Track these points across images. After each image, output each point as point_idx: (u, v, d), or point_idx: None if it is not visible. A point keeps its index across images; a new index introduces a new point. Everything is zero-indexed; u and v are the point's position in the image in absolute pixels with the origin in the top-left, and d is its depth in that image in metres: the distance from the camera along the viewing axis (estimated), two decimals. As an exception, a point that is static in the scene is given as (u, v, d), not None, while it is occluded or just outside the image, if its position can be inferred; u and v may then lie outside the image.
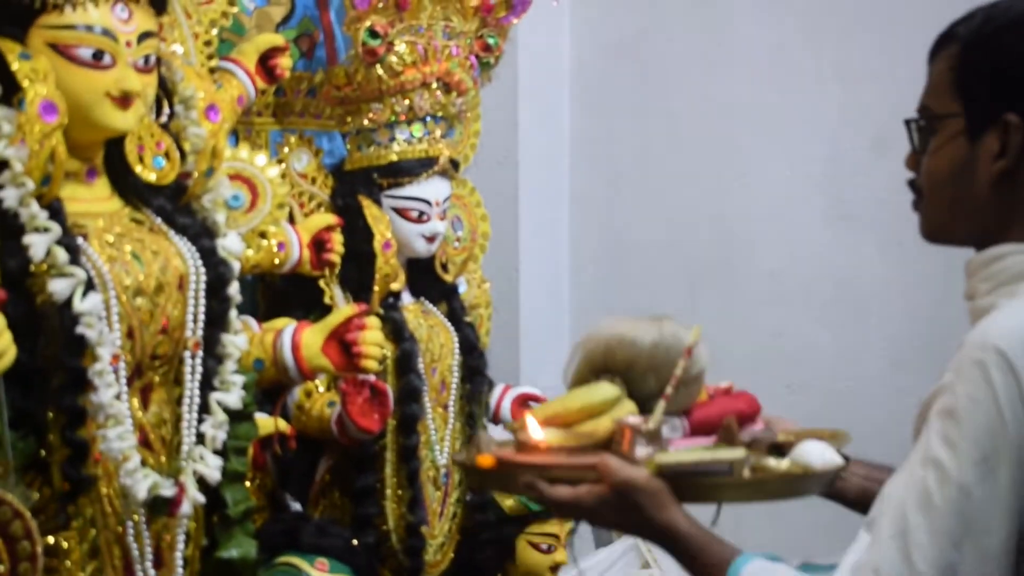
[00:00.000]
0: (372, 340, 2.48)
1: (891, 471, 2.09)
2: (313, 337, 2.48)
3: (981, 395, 1.58)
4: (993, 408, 1.57)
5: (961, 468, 1.57)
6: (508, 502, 3.11)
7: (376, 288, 2.84)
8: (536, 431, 1.98)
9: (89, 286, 2.08)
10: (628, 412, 2.03)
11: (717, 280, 4.25)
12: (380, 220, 2.86)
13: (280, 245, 2.67)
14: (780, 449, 2.06)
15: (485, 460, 1.93)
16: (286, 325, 2.54)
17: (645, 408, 2.04)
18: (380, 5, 2.76)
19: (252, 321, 2.62)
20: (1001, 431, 1.56)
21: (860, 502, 2.16)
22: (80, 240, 2.12)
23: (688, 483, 1.90)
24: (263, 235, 2.64)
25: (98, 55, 2.12)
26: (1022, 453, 1.55)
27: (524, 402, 3.21)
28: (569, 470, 1.92)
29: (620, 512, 1.87)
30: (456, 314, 3.10)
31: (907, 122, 1.86)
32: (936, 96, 1.81)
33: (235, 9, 2.68)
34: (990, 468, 1.56)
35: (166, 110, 2.34)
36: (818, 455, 2.04)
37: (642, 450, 1.92)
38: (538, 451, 1.98)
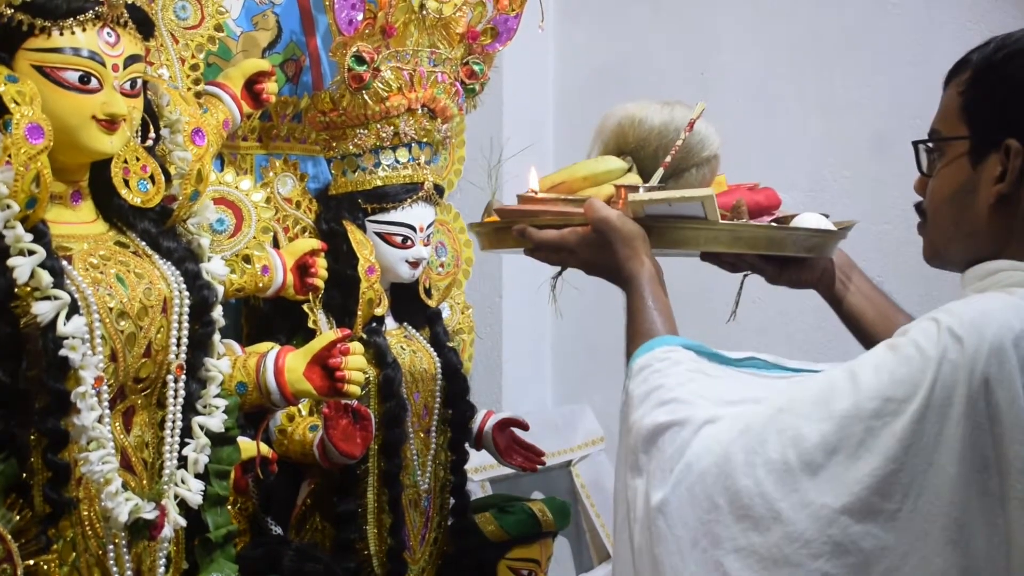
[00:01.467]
0: (355, 365, 2.47)
1: (891, 303, 2.16)
2: (296, 361, 2.48)
3: (928, 351, 1.63)
4: (929, 367, 1.61)
5: (868, 392, 1.64)
6: (489, 527, 3.11)
7: (360, 313, 2.84)
8: (533, 181, 2.08)
9: (73, 309, 2.07)
10: (632, 183, 2.09)
11: (697, 307, 4.25)
12: (364, 245, 2.86)
13: (264, 269, 2.67)
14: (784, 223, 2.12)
15: (492, 218, 2.13)
16: (269, 349, 2.53)
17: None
18: (366, 31, 2.77)
19: (235, 345, 2.62)
20: (924, 389, 1.60)
21: (852, 317, 2.26)
22: (64, 263, 2.12)
23: (667, 228, 2.00)
24: (247, 259, 2.63)
25: (85, 78, 2.12)
26: (929, 419, 1.60)
27: (506, 427, 3.21)
28: (558, 216, 2.05)
29: (596, 251, 2.00)
30: (439, 339, 3.10)
31: (915, 144, 1.90)
32: (945, 120, 1.85)
33: (222, 34, 2.69)
34: (890, 410, 1.61)
35: (152, 134, 2.34)
36: (811, 221, 2.10)
37: (672, 190, 1.99)
38: (533, 201, 2.12)
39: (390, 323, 3.02)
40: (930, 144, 1.88)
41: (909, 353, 1.64)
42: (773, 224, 2.17)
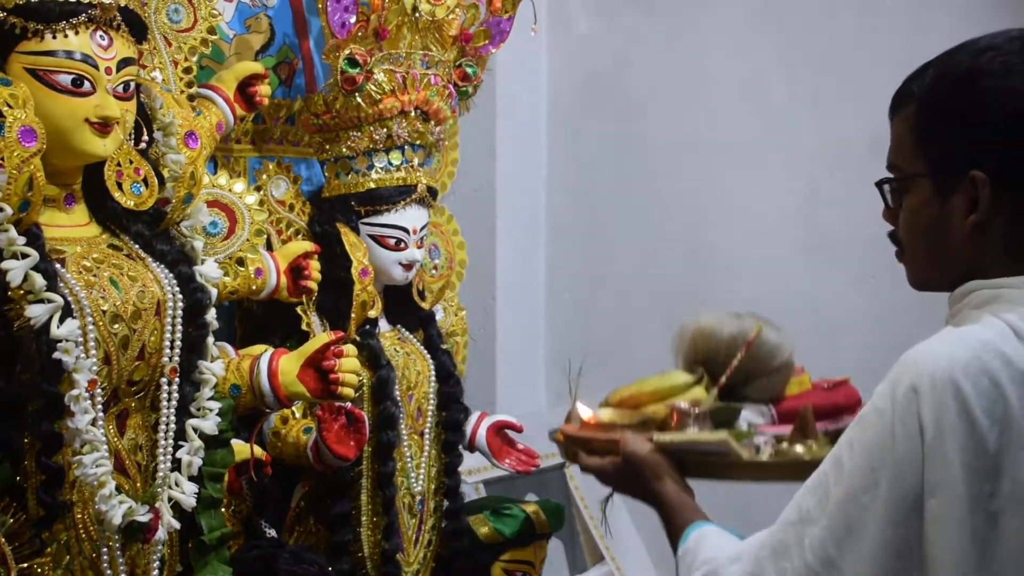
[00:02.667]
0: (349, 367, 2.47)
1: None
2: (290, 364, 2.47)
3: (884, 408, 1.67)
4: (888, 424, 1.65)
5: (852, 472, 1.68)
6: (483, 530, 3.11)
7: (353, 315, 2.84)
8: (584, 410, 2.26)
9: (66, 312, 2.07)
10: (693, 398, 2.19)
11: (693, 309, 4.25)
12: (357, 247, 2.86)
13: (258, 272, 2.67)
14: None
15: (559, 435, 2.24)
16: (263, 352, 2.53)
17: (730, 396, 2.19)
18: (359, 34, 2.77)
19: (229, 348, 2.62)
20: (889, 447, 1.64)
21: None
22: (58, 266, 2.12)
23: (694, 460, 2.12)
24: (241, 262, 2.64)
25: (78, 81, 2.12)
26: (903, 471, 1.63)
27: (500, 430, 3.21)
28: (603, 443, 2.16)
29: (628, 479, 2.10)
30: (433, 341, 3.10)
31: (879, 184, 1.91)
32: (902, 155, 1.86)
33: (215, 36, 2.69)
34: (875, 479, 1.65)
35: (145, 136, 2.34)
36: None
37: (691, 431, 2.15)
38: (588, 427, 2.25)
39: (383, 325, 3.02)
40: (893, 183, 1.88)
41: (871, 419, 1.68)
42: (786, 455, 2.23)
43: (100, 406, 2.16)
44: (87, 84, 2.13)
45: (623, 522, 4.06)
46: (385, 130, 2.85)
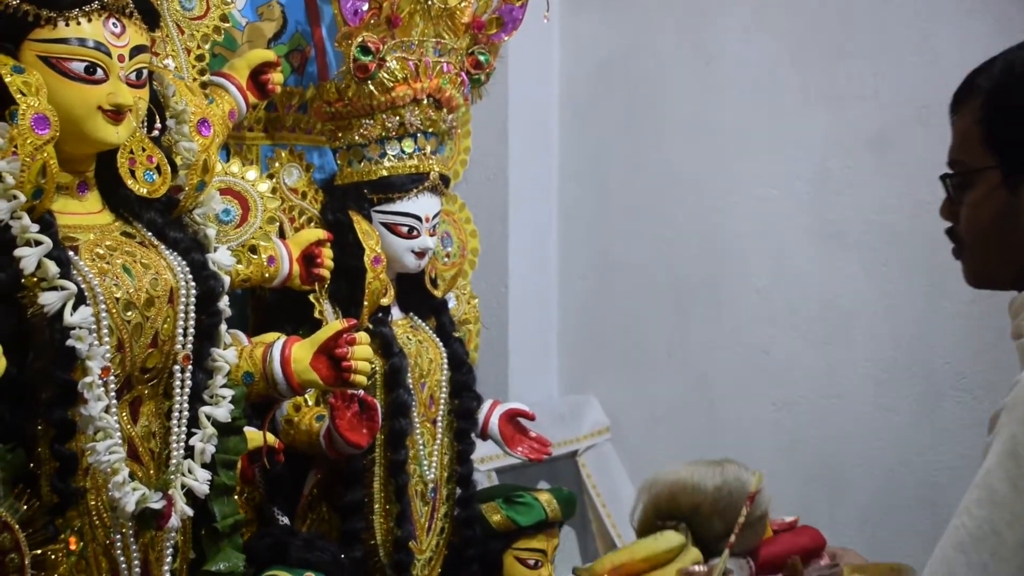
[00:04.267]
0: (361, 355, 2.46)
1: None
2: (303, 351, 2.47)
3: None
4: None
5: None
6: (496, 517, 3.11)
7: (366, 303, 2.84)
8: None
9: (79, 299, 2.07)
10: (692, 560, 2.10)
11: (704, 297, 4.25)
12: (370, 235, 2.85)
13: (270, 259, 2.67)
14: None
15: None
16: (276, 339, 2.53)
17: (710, 550, 2.10)
18: (372, 21, 2.76)
19: (242, 335, 2.62)
20: None
21: None
22: (71, 253, 2.12)
23: None
24: (253, 249, 2.63)
25: (90, 69, 2.12)
26: None
27: (512, 417, 3.20)
28: None
29: None
30: (445, 329, 3.10)
31: (943, 178, 1.88)
32: (967, 150, 1.82)
33: (227, 24, 2.69)
34: None
35: (158, 124, 2.33)
36: None
37: None
38: None
39: (396, 313, 3.01)
40: (957, 178, 1.86)
41: None
42: None
43: (113, 393, 2.15)
44: (100, 72, 2.13)
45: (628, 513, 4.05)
46: (397, 118, 2.84)
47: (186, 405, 2.30)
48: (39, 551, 2.07)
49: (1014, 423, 1.64)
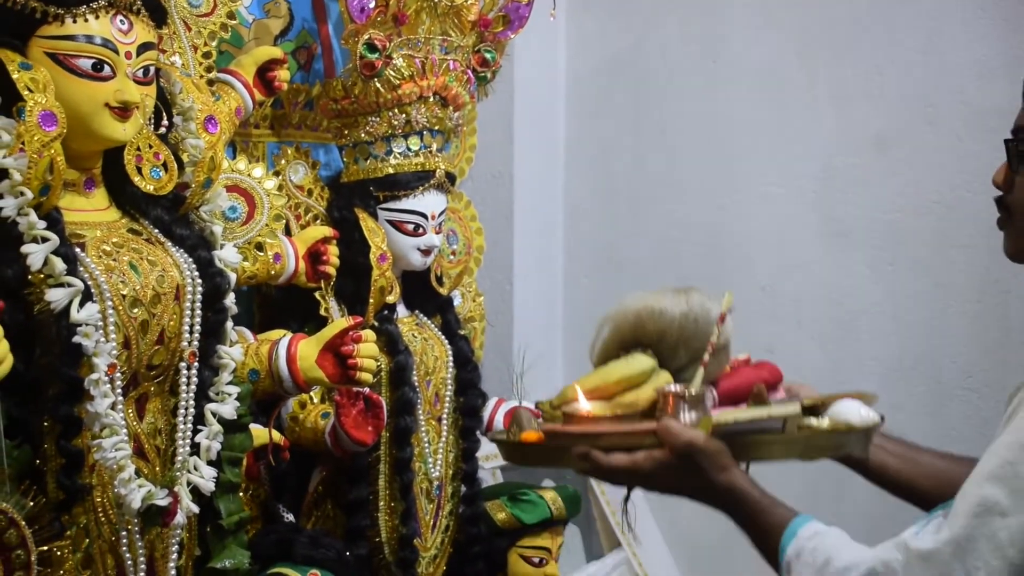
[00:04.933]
0: (367, 353, 2.47)
1: (907, 445, 2.12)
2: (308, 349, 2.47)
3: None
4: None
5: None
6: (500, 515, 3.12)
7: (371, 300, 2.84)
8: (584, 402, 1.99)
9: (86, 296, 2.08)
10: (665, 382, 2.05)
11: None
12: (376, 233, 2.86)
13: (276, 257, 2.67)
14: (811, 412, 2.09)
15: (532, 435, 1.94)
16: (282, 336, 2.53)
17: (677, 379, 2.07)
18: (378, 19, 2.77)
19: (248, 332, 2.62)
20: None
21: (875, 473, 2.19)
22: (78, 250, 2.12)
23: (740, 442, 1.92)
24: (259, 246, 2.64)
25: (98, 66, 2.12)
26: None
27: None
28: (624, 437, 1.92)
29: (681, 475, 1.86)
30: (450, 327, 3.10)
31: (1008, 142, 1.82)
32: None
33: (234, 21, 2.69)
34: None
35: (164, 121, 2.34)
36: (855, 412, 2.08)
37: (686, 416, 1.95)
38: (587, 421, 1.99)
39: (401, 311, 3.02)
40: (1022, 145, 1.80)
41: None
42: (835, 427, 2.15)
43: (119, 390, 2.16)
44: (107, 69, 2.13)
45: (639, 508, 4.05)
46: (404, 115, 2.85)
47: (192, 402, 2.30)
48: (45, 547, 2.07)
49: None
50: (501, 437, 2.01)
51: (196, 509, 2.28)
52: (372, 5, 2.74)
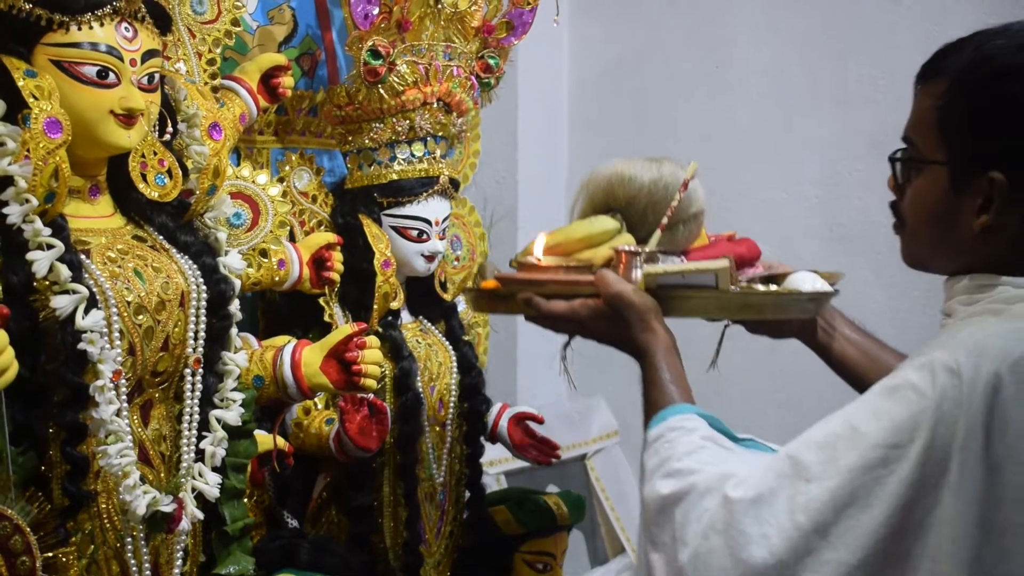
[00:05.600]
0: (371, 359, 2.47)
1: (877, 343, 2.14)
2: (313, 355, 2.48)
3: (925, 389, 1.59)
4: (926, 407, 1.58)
5: (873, 442, 1.61)
6: (505, 521, 3.12)
7: (375, 306, 2.85)
8: (539, 251, 2.07)
9: (91, 303, 2.08)
10: (626, 243, 2.09)
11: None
12: (380, 239, 2.86)
13: (281, 263, 2.67)
14: (770, 280, 2.14)
15: (490, 284, 2.09)
16: (286, 343, 2.53)
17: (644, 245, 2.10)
18: (382, 25, 2.77)
19: (252, 338, 2.62)
20: (922, 431, 1.58)
21: (839, 363, 2.27)
22: (82, 257, 2.13)
23: (676, 296, 2.00)
24: (264, 253, 2.64)
25: (102, 73, 2.12)
26: (929, 457, 1.57)
27: (521, 421, 3.21)
28: (566, 285, 2.04)
29: (609, 324, 1.99)
30: (454, 333, 3.10)
31: (892, 157, 1.84)
32: (921, 133, 1.78)
33: (238, 28, 2.70)
34: (895, 456, 1.59)
35: (169, 128, 2.34)
36: (806, 281, 2.11)
37: (637, 274, 2.03)
38: (537, 270, 2.11)
39: (405, 317, 3.02)
40: (906, 157, 1.82)
41: (907, 396, 1.61)
42: (778, 289, 2.18)
43: (124, 397, 2.16)
44: (112, 76, 2.13)
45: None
46: (407, 122, 2.85)
47: (197, 408, 2.31)
48: (50, 554, 2.07)
49: (910, 367, 1.65)
50: (467, 286, 2.12)
51: (201, 515, 2.28)
52: (376, 12, 2.75)
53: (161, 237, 2.30)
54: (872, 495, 1.59)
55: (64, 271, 2.05)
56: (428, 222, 2.90)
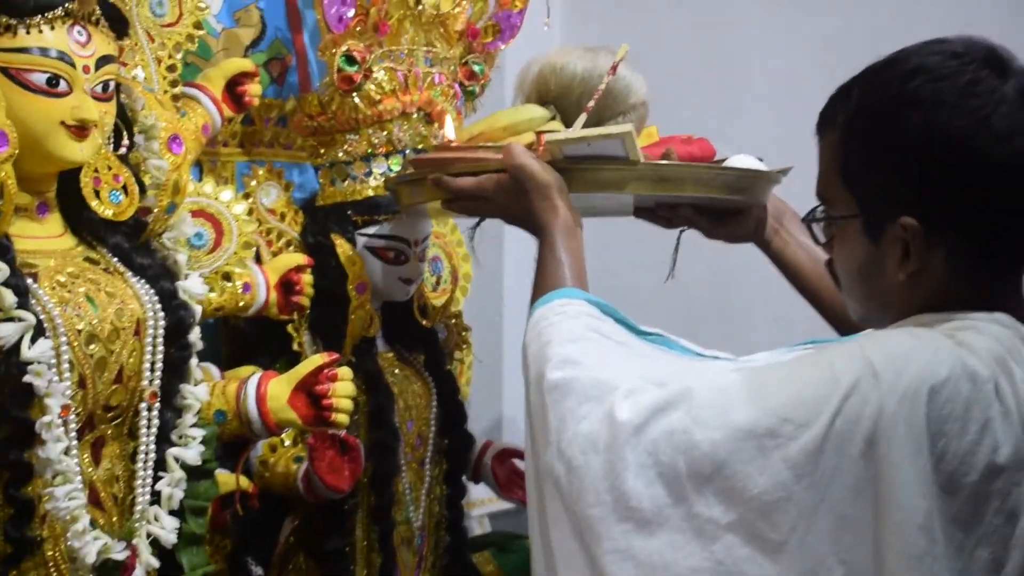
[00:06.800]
0: (343, 392, 2.47)
1: None
2: (280, 388, 2.48)
3: (841, 376, 1.62)
4: (834, 393, 1.60)
5: (767, 408, 1.64)
6: (488, 568, 3.12)
7: (349, 334, 2.84)
8: (450, 130, 2.26)
9: (38, 331, 2.07)
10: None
11: (719, 326, 4.25)
12: (354, 260, 2.86)
13: (245, 287, 2.67)
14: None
15: (404, 168, 2.20)
16: (251, 374, 2.54)
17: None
18: (358, 28, 2.77)
19: (214, 369, 2.62)
20: (822, 417, 1.60)
21: (790, 269, 2.44)
22: (29, 281, 2.12)
23: (586, 169, 2.10)
24: (227, 276, 2.64)
25: (53, 81, 2.13)
26: (819, 447, 1.60)
27: (507, 458, 3.21)
28: (474, 163, 2.16)
29: (512, 197, 2.10)
30: (434, 363, 3.10)
31: (806, 221, 1.88)
32: (829, 187, 1.82)
33: (201, 31, 2.69)
34: (786, 432, 1.61)
35: (125, 140, 2.34)
36: (741, 161, 2.16)
37: (586, 129, 2.12)
38: (448, 150, 2.24)
39: (381, 345, 3.02)
40: (820, 216, 1.85)
41: (822, 374, 1.64)
42: (697, 163, 2.23)
43: (74, 434, 2.15)
44: (63, 84, 2.14)
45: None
46: (385, 133, 2.85)
47: (153, 446, 2.30)
48: (-8, 604, 2.08)
49: (841, 349, 1.69)
50: (390, 181, 2.42)
51: (156, 563, 2.27)
52: (351, 14, 2.75)
53: (115, 259, 2.30)
54: (752, 463, 1.62)
55: (9, 296, 2.05)
56: (407, 243, 2.90)
